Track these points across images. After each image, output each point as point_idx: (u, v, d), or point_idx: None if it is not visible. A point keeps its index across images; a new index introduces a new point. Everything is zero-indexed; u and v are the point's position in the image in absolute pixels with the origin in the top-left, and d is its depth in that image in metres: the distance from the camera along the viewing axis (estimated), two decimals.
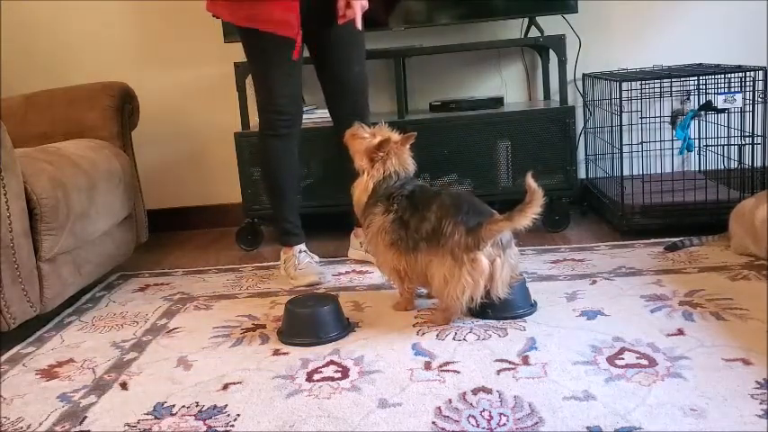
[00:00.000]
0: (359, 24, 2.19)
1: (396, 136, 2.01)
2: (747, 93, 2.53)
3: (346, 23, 2.22)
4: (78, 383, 1.74)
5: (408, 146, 2.02)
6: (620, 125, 2.57)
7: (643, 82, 2.56)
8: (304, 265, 2.41)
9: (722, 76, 2.58)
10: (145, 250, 2.87)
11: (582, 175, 3.13)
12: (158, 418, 1.53)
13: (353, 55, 2.38)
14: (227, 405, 1.55)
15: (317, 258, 2.51)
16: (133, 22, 3.22)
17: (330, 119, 2.61)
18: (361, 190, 2.02)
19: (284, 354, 1.81)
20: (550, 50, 2.91)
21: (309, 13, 2.20)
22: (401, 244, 1.91)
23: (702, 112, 2.69)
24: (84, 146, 2.44)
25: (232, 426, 1.47)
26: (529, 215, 1.73)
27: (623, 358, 1.61)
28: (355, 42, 2.37)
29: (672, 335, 1.72)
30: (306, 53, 2.39)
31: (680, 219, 2.58)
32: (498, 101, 2.97)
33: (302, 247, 2.48)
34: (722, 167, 2.77)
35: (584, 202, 3.07)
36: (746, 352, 1.59)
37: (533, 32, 2.90)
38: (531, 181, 1.73)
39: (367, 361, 1.72)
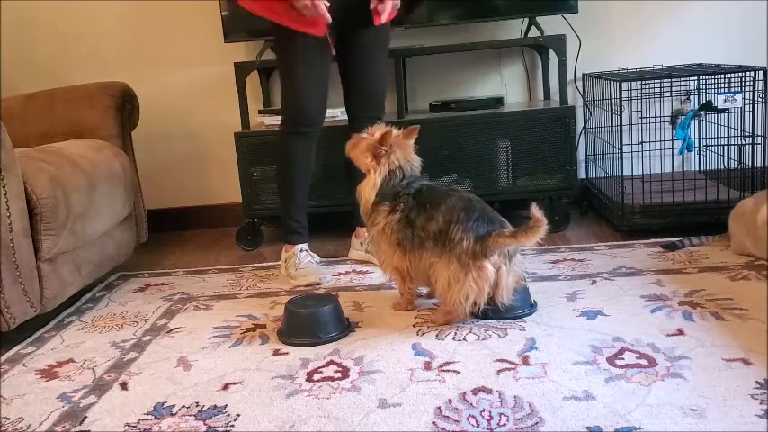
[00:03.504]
0: (383, 20, 2.21)
1: (397, 130, 2.01)
2: (747, 93, 2.53)
3: (377, 29, 2.26)
4: (78, 383, 1.74)
5: (412, 140, 2.02)
6: (621, 125, 2.57)
7: (643, 82, 2.56)
8: (305, 264, 2.41)
9: (722, 76, 2.58)
10: (145, 250, 2.88)
11: (582, 175, 3.13)
12: (158, 418, 1.53)
13: (377, 56, 2.40)
14: (227, 405, 1.55)
15: (317, 258, 2.51)
16: (133, 22, 3.22)
17: (333, 119, 2.61)
18: (369, 189, 1.99)
19: (284, 354, 1.81)
20: (550, 50, 2.91)
21: (340, 11, 2.20)
22: (406, 243, 1.91)
23: (702, 112, 2.69)
24: (85, 146, 2.44)
25: (232, 426, 1.47)
26: (532, 238, 1.75)
27: (623, 358, 1.61)
28: (381, 44, 2.39)
29: (672, 335, 1.72)
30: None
31: (680, 219, 2.58)
32: (498, 101, 2.97)
33: (304, 246, 2.48)
34: (722, 167, 2.77)
35: (584, 202, 3.07)
36: (746, 352, 1.59)
37: (533, 32, 2.90)
38: (535, 210, 1.74)
39: (367, 361, 1.72)
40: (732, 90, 2.54)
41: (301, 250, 2.46)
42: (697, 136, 2.88)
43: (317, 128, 2.39)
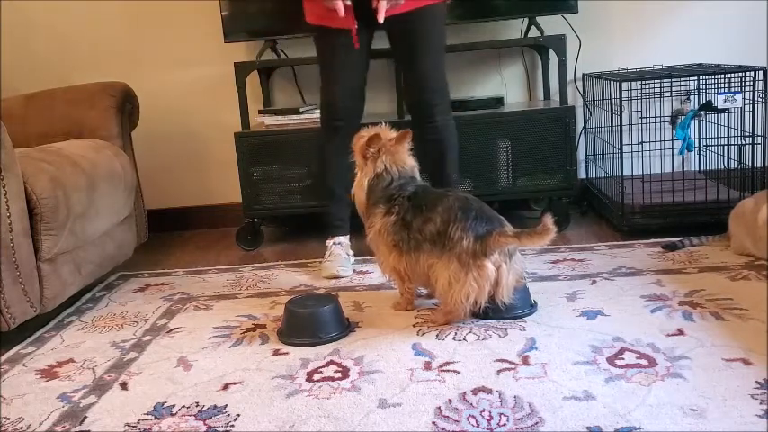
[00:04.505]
0: (381, 18, 2.17)
1: (389, 134, 2.00)
2: (747, 93, 2.53)
3: (417, 18, 2.26)
4: (78, 383, 1.74)
5: (405, 144, 2.01)
6: (621, 125, 2.57)
7: (643, 82, 2.56)
8: (332, 257, 2.43)
9: (722, 76, 2.58)
10: (145, 250, 2.87)
11: (582, 175, 3.13)
12: (158, 418, 1.53)
13: (417, 50, 2.33)
14: (227, 405, 1.55)
15: (350, 252, 2.51)
16: (133, 22, 3.22)
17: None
18: (358, 188, 2.03)
19: (284, 354, 1.81)
20: (550, 50, 2.91)
21: (366, 4, 2.20)
22: (402, 245, 1.91)
23: (702, 112, 2.69)
24: (85, 146, 2.44)
25: (232, 426, 1.47)
26: (536, 242, 1.76)
27: (623, 358, 1.61)
28: (420, 37, 2.32)
29: (672, 335, 1.72)
30: (382, 46, 2.42)
31: (680, 219, 2.58)
32: (498, 101, 2.96)
33: (338, 239, 2.49)
34: (722, 167, 2.77)
35: (584, 202, 3.07)
36: (746, 352, 1.59)
37: (533, 32, 2.89)
38: (547, 220, 1.74)
39: (367, 361, 1.72)
40: (732, 90, 2.54)
41: (334, 243, 2.48)
42: (697, 136, 2.88)
43: (348, 123, 2.34)
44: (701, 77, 2.62)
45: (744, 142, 2.60)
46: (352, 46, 2.26)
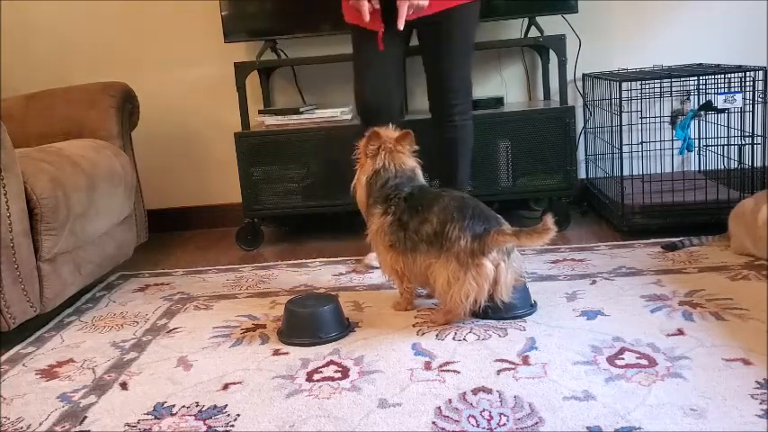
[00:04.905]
0: (400, 25, 2.16)
1: (391, 133, 2.01)
2: (747, 93, 2.53)
3: (445, 18, 2.24)
4: (78, 383, 1.74)
5: (407, 145, 2.01)
6: (620, 125, 2.57)
7: (643, 82, 2.56)
8: None
9: (722, 76, 2.58)
10: (145, 250, 2.87)
11: (582, 175, 3.13)
12: (158, 418, 1.53)
13: (440, 49, 2.32)
14: (227, 405, 1.56)
15: None
16: (133, 21, 3.22)
17: (333, 118, 2.60)
18: (358, 186, 2.04)
19: (284, 354, 1.81)
20: (550, 50, 2.91)
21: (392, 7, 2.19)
22: (399, 245, 1.92)
23: (702, 112, 2.69)
24: (85, 146, 2.44)
25: (232, 426, 1.47)
26: (536, 241, 1.76)
27: (623, 358, 1.62)
28: (445, 37, 2.30)
29: (672, 335, 1.72)
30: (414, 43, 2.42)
31: (680, 219, 2.58)
32: (498, 101, 2.96)
33: None
34: (722, 167, 2.77)
35: (584, 203, 3.07)
36: (746, 352, 1.59)
37: (533, 32, 2.89)
38: (548, 219, 1.74)
39: (367, 361, 1.72)
40: (732, 90, 2.54)
41: None
42: (697, 136, 2.88)
43: (378, 119, 2.24)
44: (701, 77, 2.62)
45: (744, 142, 2.60)
46: (384, 44, 2.25)
